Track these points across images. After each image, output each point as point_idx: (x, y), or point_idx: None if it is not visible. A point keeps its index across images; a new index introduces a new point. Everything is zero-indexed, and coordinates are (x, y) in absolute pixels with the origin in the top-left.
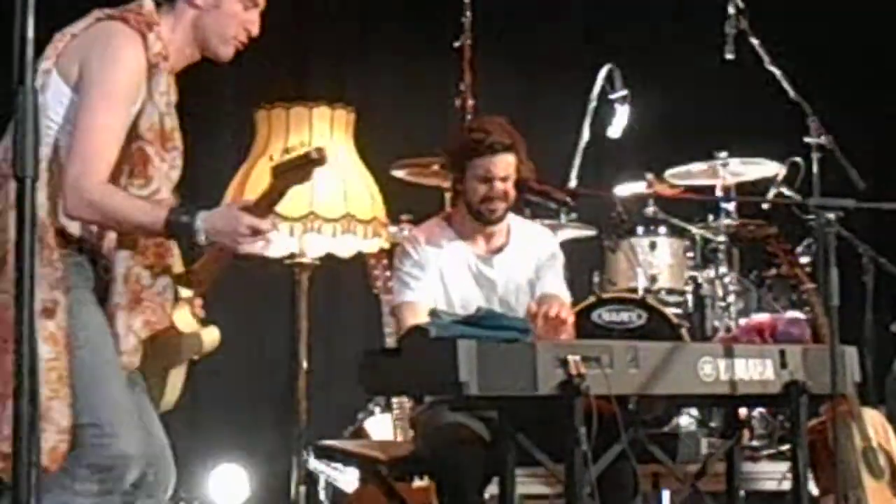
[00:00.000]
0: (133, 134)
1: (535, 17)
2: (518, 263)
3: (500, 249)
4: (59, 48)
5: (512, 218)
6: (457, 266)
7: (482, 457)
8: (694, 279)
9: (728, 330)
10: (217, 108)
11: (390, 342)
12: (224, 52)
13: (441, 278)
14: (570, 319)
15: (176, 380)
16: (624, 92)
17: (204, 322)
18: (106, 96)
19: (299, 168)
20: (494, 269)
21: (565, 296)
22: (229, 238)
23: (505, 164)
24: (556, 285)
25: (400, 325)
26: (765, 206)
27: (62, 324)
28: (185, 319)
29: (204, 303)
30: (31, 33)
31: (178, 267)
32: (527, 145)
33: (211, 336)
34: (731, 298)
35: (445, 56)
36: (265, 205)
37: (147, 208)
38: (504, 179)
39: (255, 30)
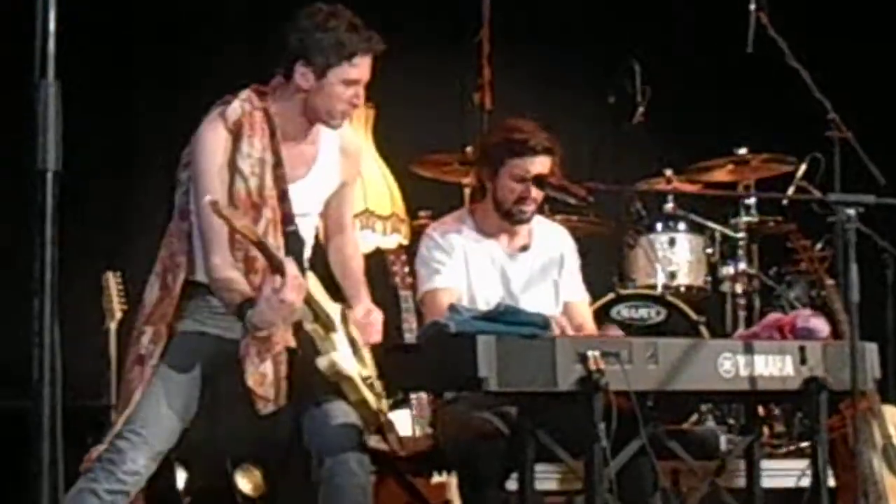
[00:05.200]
0: (230, 203)
1: (553, 11)
2: (541, 263)
3: (524, 248)
4: None
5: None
6: (480, 261)
7: (503, 451)
8: (713, 276)
9: (747, 327)
10: None
11: (409, 338)
12: (333, 124)
13: (465, 271)
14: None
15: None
16: (643, 87)
17: None
18: (199, 183)
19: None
20: (518, 268)
21: (586, 298)
22: (285, 314)
23: (543, 166)
24: (579, 289)
25: (433, 312)
26: (785, 202)
27: None
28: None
29: None
30: (52, 27)
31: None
32: None
33: None
34: (751, 295)
35: (464, 51)
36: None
37: (231, 293)
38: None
39: (359, 102)
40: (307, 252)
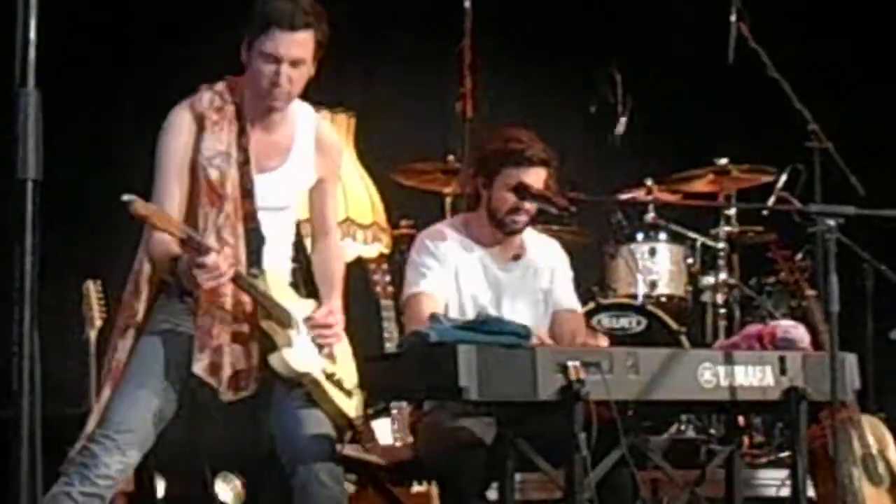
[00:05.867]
0: (192, 191)
1: (535, 21)
2: (532, 274)
3: (515, 258)
4: None
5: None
6: (472, 270)
7: (483, 460)
8: (694, 285)
9: (727, 337)
10: None
11: (390, 347)
12: (264, 105)
13: (455, 279)
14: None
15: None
16: (625, 97)
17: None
18: (157, 165)
19: None
20: (510, 278)
21: (578, 307)
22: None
23: (538, 178)
24: (571, 300)
25: (414, 315)
26: (765, 212)
27: None
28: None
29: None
30: (33, 35)
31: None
32: None
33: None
34: (731, 305)
35: (446, 60)
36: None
37: (165, 254)
38: None
39: (282, 83)
40: (281, 251)
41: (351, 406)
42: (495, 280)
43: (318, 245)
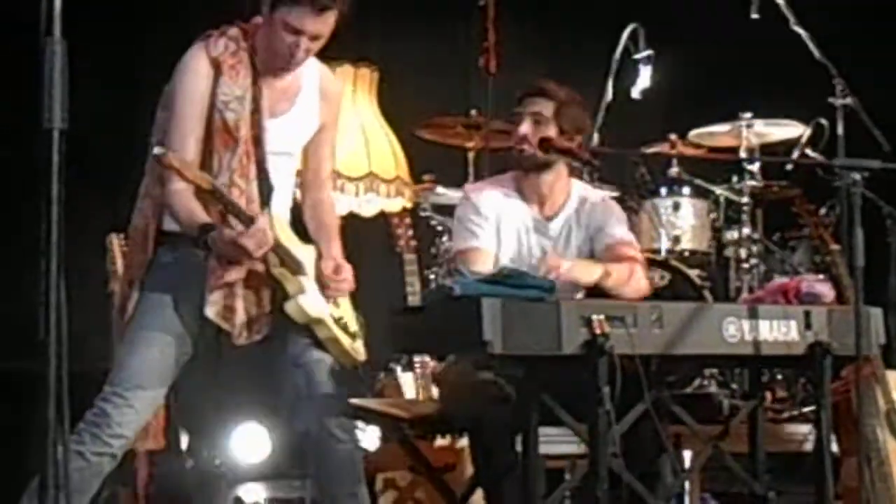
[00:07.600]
0: (207, 133)
1: None
2: (570, 232)
3: (554, 216)
4: None
5: (575, 184)
6: (513, 224)
7: (510, 412)
8: (717, 240)
9: (751, 291)
10: None
11: (413, 301)
12: (275, 65)
13: (496, 233)
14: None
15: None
16: (648, 52)
17: None
18: (175, 107)
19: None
20: (548, 235)
21: (628, 238)
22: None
23: (532, 107)
24: (618, 231)
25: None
26: (789, 167)
27: None
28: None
29: None
30: None
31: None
32: None
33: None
34: (755, 260)
35: (470, 15)
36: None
37: (191, 217)
38: (536, 122)
39: (299, 54)
40: (285, 197)
41: (356, 349)
42: (534, 238)
43: (311, 196)
